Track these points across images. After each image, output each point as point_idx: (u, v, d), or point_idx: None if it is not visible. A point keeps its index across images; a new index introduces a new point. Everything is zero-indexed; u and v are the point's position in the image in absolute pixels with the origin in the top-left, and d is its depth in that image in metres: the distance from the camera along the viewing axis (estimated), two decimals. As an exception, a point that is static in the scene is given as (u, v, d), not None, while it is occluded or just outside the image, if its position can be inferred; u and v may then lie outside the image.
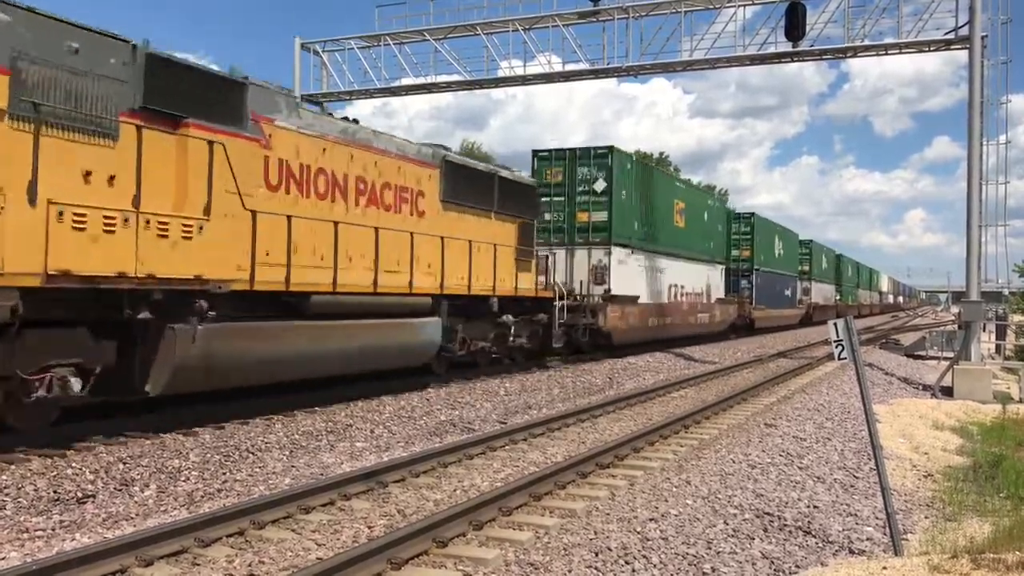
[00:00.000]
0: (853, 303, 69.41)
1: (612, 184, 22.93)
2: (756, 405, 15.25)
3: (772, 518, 7.53)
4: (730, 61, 24.28)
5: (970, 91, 20.53)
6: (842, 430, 12.47)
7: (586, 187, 23.18)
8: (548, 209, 22.60)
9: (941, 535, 7.36)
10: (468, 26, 25.15)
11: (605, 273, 22.52)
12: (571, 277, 22.43)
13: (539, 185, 21.59)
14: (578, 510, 7.54)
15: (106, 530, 6.86)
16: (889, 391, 18.52)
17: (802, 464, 9.91)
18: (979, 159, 20.57)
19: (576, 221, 23.07)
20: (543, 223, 21.85)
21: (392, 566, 5.90)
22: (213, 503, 7.79)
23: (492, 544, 6.57)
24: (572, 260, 22.87)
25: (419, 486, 8.51)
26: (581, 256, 22.89)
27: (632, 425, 12.70)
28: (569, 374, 18.95)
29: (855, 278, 74.00)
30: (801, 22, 22.09)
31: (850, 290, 69.77)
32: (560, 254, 22.34)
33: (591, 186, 23.10)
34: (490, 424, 12.64)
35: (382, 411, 12.66)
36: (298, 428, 11.01)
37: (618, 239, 23.13)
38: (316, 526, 7.01)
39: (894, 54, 22.97)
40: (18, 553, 6.23)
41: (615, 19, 23.73)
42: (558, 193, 23.34)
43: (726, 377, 20.67)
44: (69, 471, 8.21)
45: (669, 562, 6.21)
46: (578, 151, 23.49)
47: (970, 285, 20.50)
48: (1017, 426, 14.14)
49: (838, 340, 7.02)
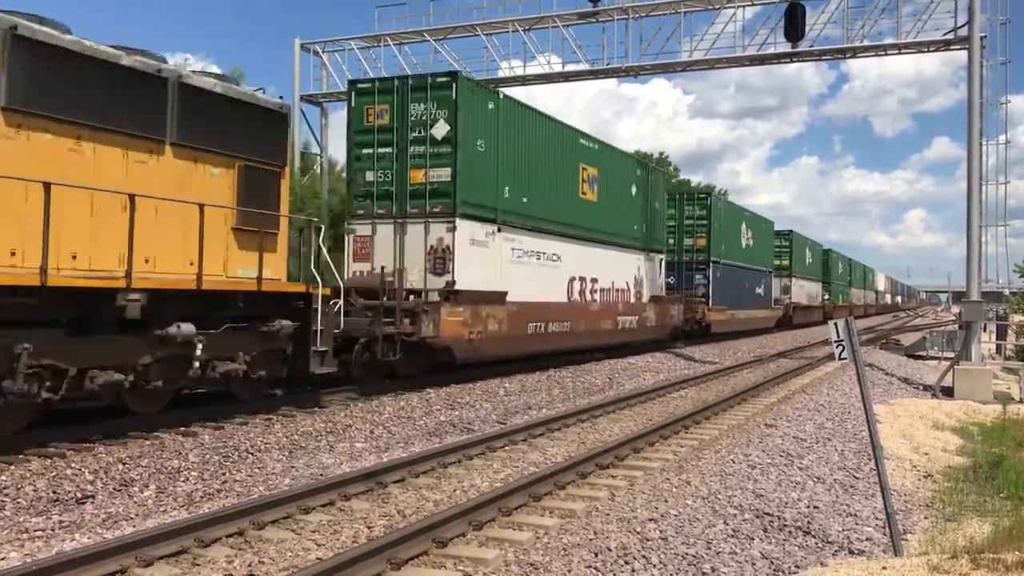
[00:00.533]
0: (844, 303, 63.56)
1: (458, 128, 15.83)
2: (756, 405, 15.24)
3: (772, 518, 7.53)
4: (730, 62, 24.30)
5: (969, 91, 20.55)
6: (842, 430, 12.47)
7: (421, 132, 16.11)
8: (370, 165, 16.40)
9: (941, 535, 7.36)
10: (468, 26, 25.17)
11: (447, 258, 15.78)
12: (401, 263, 15.96)
13: (361, 131, 16.44)
14: (578, 510, 7.54)
15: (106, 530, 6.86)
16: (889, 391, 18.52)
17: (802, 464, 9.91)
18: (979, 159, 20.58)
19: (409, 182, 16.14)
20: (364, 186, 16.37)
21: (392, 566, 5.90)
22: (213, 503, 7.79)
23: (492, 544, 6.57)
24: (402, 239, 16.11)
25: (419, 486, 8.50)
26: (415, 234, 16.05)
27: (632, 425, 12.70)
28: (569, 374, 18.94)
29: (847, 276, 68.26)
30: (800, 23, 22.12)
31: (840, 289, 63.94)
32: (385, 231, 16.23)
33: (428, 131, 16.04)
34: (490, 424, 12.64)
35: (382, 412, 12.66)
36: (297, 428, 11.01)
37: (470, 209, 16.21)
38: (316, 526, 7.00)
39: (893, 55, 23.00)
40: (18, 553, 6.23)
41: (615, 19, 23.77)
42: (384, 142, 16.33)
43: (726, 377, 20.66)
44: (68, 471, 8.21)
45: (669, 562, 6.21)
46: (410, 80, 16.69)
47: (970, 285, 20.51)
48: (1017, 426, 14.13)
49: (838, 340, 7.02)
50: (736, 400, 15.54)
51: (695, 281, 31.72)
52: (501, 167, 17.40)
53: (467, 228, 16.18)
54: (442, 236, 15.86)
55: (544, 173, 19.41)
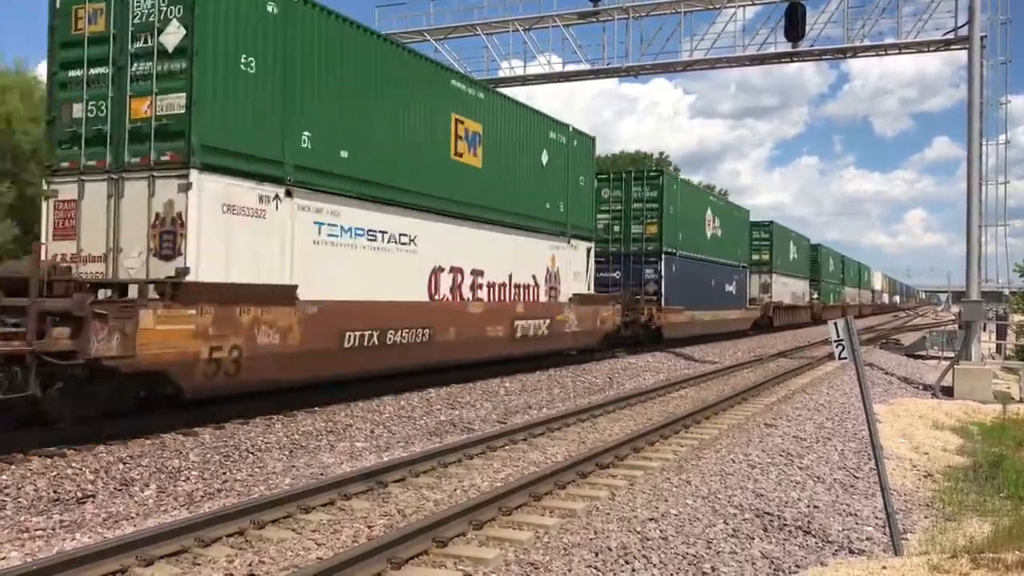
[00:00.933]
0: (836, 303, 59.40)
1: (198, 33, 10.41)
2: (756, 405, 15.25)
3: (772, 518, 7.54)
4: (730, 61, 24.32)
5: (969, 91, 20.56)
6: (842, 430, 12.48)
7: (147, 41, 10.67)
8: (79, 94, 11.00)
9: (941, 535, 7.36)
10: (468, 26, 25.19)
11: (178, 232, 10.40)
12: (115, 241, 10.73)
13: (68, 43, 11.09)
14: (578, 510, 7.55)
15: (106, 530, 6.87)
16: (889, 391, 18.53)
17: (802, 464, 9.91)
18: (979, 159, 20.60)
19: (129, 118, 10.78)
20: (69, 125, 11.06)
21: (392, 566, 5.90)
22: (213, 503, 7.79)
23: (492, 544, 6.58)
24: (118, 204, 10.76)
25: (419, 486, 8.51)
26: (135, 195, 10.69)
27: (632, 425, 12.70)
28: (569, 374, 18.94)
29: (839, 273, 63.62)
30: (801, 22, 22.15)
31: (831, 287, 59.35)
32: (95, 193, 10.89)
33: (157, 39, 10.60)
34: (490, 424, 12.65)
35: (382, 411, 12.67)
36: (298, 428, 11.02)
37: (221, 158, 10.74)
38: (316, 526, 7.01)
39: (893, 54, 23.01)
40: (18, 553, 6.24)
41: (615, 19, 23.79)
42: (97, 58, 10.91)
43: (726, 377, 20.66)
44: (69, 471, 8.22)
45: (669, 562, 6.21)
46: None
47: (970, 285, 20.53)
48: (1017, 426, 14.14)
49: (838, 340, 7.03)
50: (736, 400, 15.55)
51: (644, 276, 26.73)
52: (295, 102, 11.93)
53: (216, 187, 10.75)
54: (172, 199, 10.52)
55: (384, 120, 13.93)
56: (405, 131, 14.54)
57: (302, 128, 12.13)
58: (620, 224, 27.23)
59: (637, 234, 26.99)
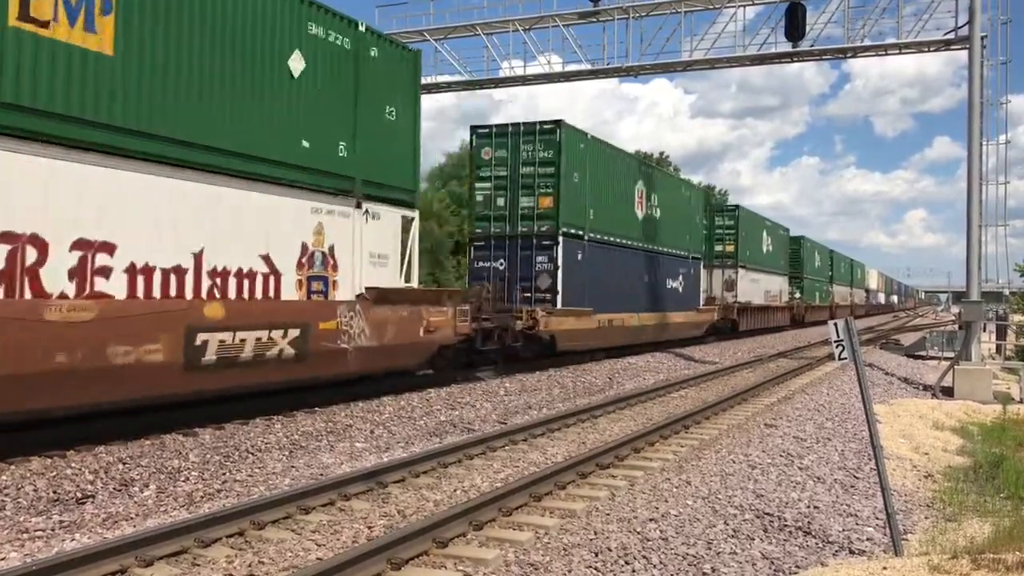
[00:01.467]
0: (823, 303, 53.65)
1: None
2: (756, 405, 15.24)
3: (772, 518, 7.53)
4: (730, 61, 24.29)
5: (970, 91, 20.55)
6: (842, 430, 12.47)
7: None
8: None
9: (941, 535, 7.35)
10: (468, 26, 25.17)
11: None
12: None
13: None
14: (578, 510, 7.54)
15: (106, 530, 6.86)
16: (889, 391, 18.52)
17: (802, 464, 9.90)
18: (979, 159, 20.58)
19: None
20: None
21: (392, 566, 5.89)
22: (213, 503, 7.79)
23: (492, 544, 6.57)
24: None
25: (419, 486, 8.50)
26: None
27: (632, 425, 12.70)
28: (569, 374, 18.93)
29: (825, 270, 57.13)
30: (801, 22, 22.13)
31: (816, 286, 52.89)
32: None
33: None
34: (490, 424, 12.64)
35: (382, 411, 12.67)
36: (298, 428, 11.01)
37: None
38: (316, 526, 7.00)
39: (894, 54, 22.99)
40: (18, 553, 6.23)
41: (615, 19, 23.76)
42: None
43: (726, 377, 20.66)
44: (69, 471, 8.22)
45: (669, 562, 6.21)
46: None
47: (970, 285, 20.51)
48: (1017, 426, 14.13)
49: (838, 340, 7.02)
50: (736, 400, 15.54)
51: (536, 266, 20.17)
52: None
53: None
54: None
55: None
56: None
57: None
58: (505, 197, 20.40)
59: (527, 209, 20.21)
